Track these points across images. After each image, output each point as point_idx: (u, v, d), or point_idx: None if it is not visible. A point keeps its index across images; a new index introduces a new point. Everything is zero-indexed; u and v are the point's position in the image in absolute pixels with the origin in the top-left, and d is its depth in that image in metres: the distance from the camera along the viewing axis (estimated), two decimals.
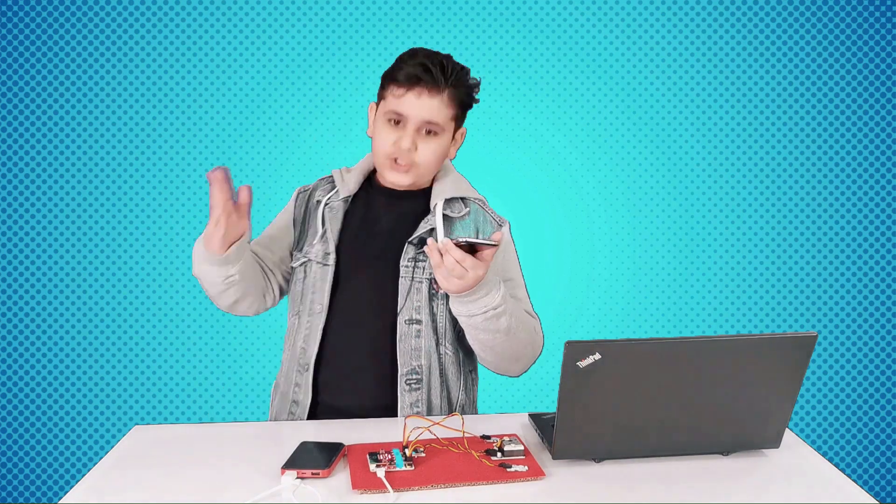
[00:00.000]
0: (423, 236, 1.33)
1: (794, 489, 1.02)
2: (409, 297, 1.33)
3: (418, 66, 1.28)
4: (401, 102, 1.30)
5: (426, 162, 1.33)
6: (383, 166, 1.35)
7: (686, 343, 1.02)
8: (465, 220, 1.37)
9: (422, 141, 1.31)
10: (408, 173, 1.33)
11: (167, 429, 1.27)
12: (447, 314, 1.35)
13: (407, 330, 1.32)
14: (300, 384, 1.37)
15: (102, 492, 1.03)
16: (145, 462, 1.13)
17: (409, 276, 1.33)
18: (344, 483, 1.03)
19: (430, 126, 1.31)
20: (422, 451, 1.09)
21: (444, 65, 1.29)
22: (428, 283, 1.33)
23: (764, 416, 1.08)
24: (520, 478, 1.03)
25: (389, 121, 1.32)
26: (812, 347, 1.03)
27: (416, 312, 1.33)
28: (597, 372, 0.99)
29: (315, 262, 1.37)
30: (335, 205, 1.39)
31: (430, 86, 1.28)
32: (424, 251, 1.27)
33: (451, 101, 1.31)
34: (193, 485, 1.04)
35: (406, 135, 1.30)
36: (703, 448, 1.10)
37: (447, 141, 1.35)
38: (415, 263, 1.33)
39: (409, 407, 1.32)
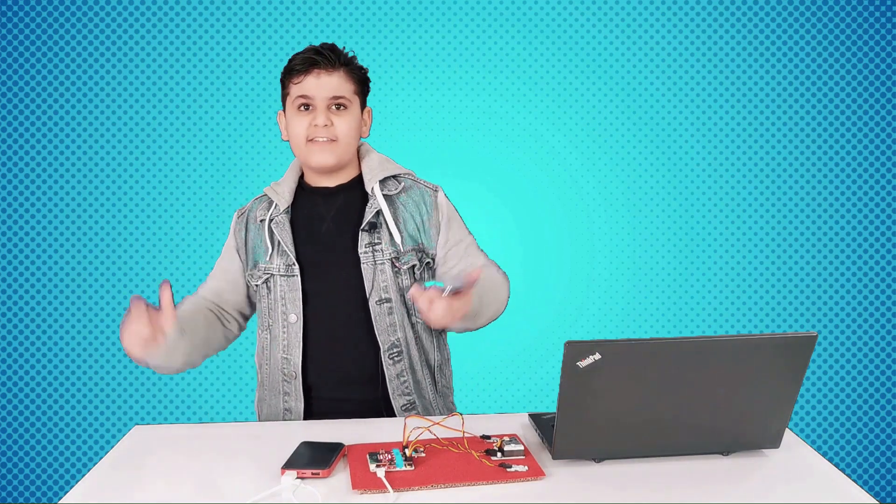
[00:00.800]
0: (372, 221, 1.39)
1: (794, 489, 1.02)
2: (375, 279, 1.39)
3: (310, 51, 1.38)
4: (303, 86, 1.37)
5: (343, 134, 1.39)
6: (305, 152, 1.40)
7: (686, 343, 1.02)
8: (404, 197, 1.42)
9: (334, 116, 1.38)
10: (330, 150, 1.38)
11: (167, 429, 1.27)
12: (411, 286, 1.39)
13: (379, 310, 1.39)
14: (289, 392, 1.42)
15: (102, 492, 1.03)
16: (145, 462, 1.13)
17: (370, 260, 1.39)
18: (344, 483, 1.03)
19: (338, 100, 1.38)
20: (422, 451, 1.09)
21: (333, 48, 1.39)
22: (390, 263, 1.39)
23: (764, 416, 1.08)
24: (520, 478, 1.03)
25: (299, 108, 1.39)
26: (812, 347, 1.03)
27: (385, 291, 1.39)
28: (597, 372, 0.99)
29: (279, 276, 1.41)
30: (279, 218, 1.43)
31: (326, 65, 1.37)
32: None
33: (349, 77, 1.39)
34: (193, 485, 1.04)
35: (318, 113, 1.37)
36: (703, 448, 1.10)
37: (357, 115, 1.42)
38: (372, 248, 1.39)
39: (397, 377, 1.40)
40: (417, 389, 1.43)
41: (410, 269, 1.41)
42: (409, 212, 1.42)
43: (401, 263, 1.39)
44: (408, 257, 1.40)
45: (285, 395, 1.42)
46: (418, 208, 1.42)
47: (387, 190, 1.42)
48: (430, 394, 1.45)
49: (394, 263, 1.39)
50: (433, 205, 1.43)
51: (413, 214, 1.42)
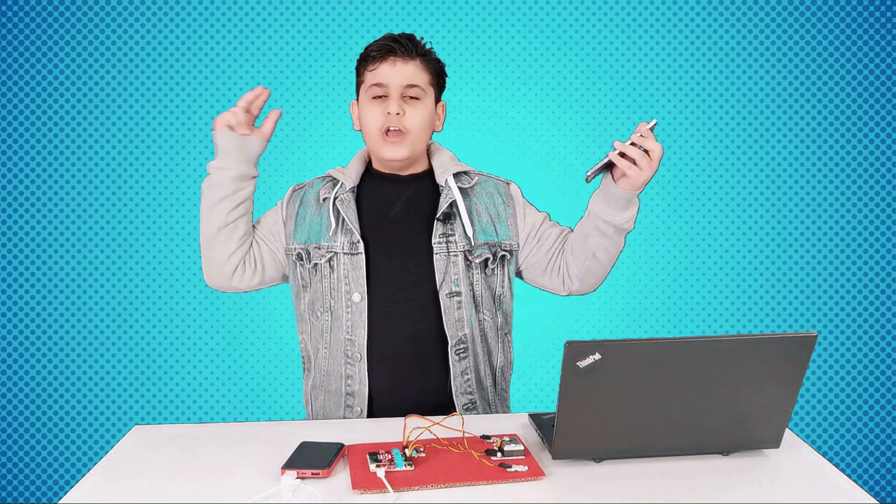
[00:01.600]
0: (447, 211, 1.37)
1: (794, 489, 1.02)
2: (447, 271, 1.36)
3: (387, 39, 1.36)
4: (378, 73, 1.35)
5: (416, 127, 1.36)
6: (378, 143, 1.37)
7: (686, 343, 1.02)
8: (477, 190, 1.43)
9: (408, 106, 1.36)
10: (402, 143, 1.36)
11: (167, 429, 1.27)
12: (482, 282, 1.40)
13: (449, 303, 1.37)
14: (353, 375, 1.38)
15: (102, 492, 1.03)
16: (145, 462, 1.13)
17: (443, 251, 1.37)
18: (344, 483, 1.03)
19: (412, 90, 1.36)
20: (422, 451, 1.09)
21: (411, 38, 1.38)
22: (462, 256, 1.37)
23: (764, 416, 1.08)
24: (520, 478, 1.03)
25: (373, 98, 1.37)
26: (812, 347, 1.03)
27: (455, 285, 1.37)
28: (597, 372, 0.99)
29: (342, 254, 1.37)
30: (344, 196, 1.39)
31: (403, 54, 1.35)
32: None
33: (425, 67, 1.38)
34: (193, 485, 1.04)
35: (392, 101, 1.35)
36: (703, 448, 1.10)
37: (431, 107, 1.40)
38: (446, 239, 1.37)
39: (461, 375, 1.37)
40: (479, 389, 1.41)
41: (482, 262, 1.39)
42: (483, 204, 1.41)
43: (473, 257, 1.37)
44: (480, 251, 1.38)
45: (348, 378, 1.38)
46: (493, 200, 1.42)
47: (460, 183, 1.41)
48: (490, 395, 1.43)
49: (466, 256, 1.37)
50: (507, 196, 1.43)
51: (487, 207, 1.41)
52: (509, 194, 1.44)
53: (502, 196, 1.43)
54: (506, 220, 1.42)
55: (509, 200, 1.43)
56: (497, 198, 1.43)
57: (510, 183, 1.46)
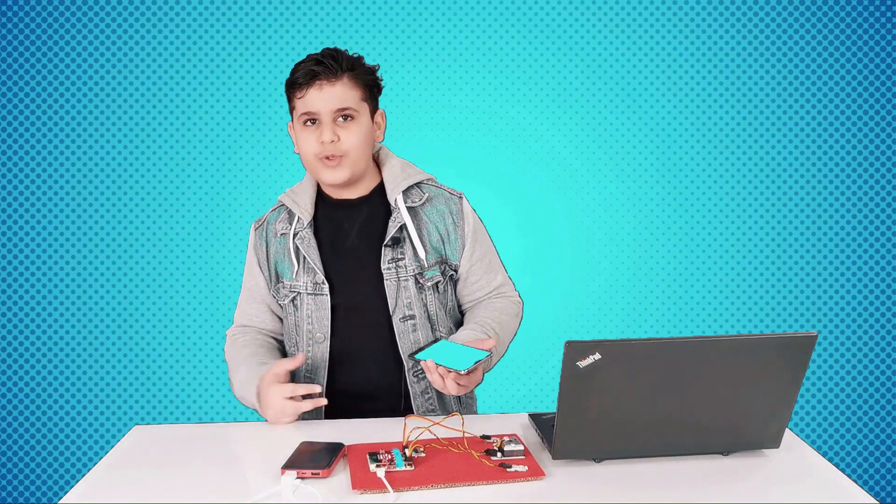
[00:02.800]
0: (396, 236, 1.36)
1: (794, 489, 1.02)
2: (399, 296, 1.36)
3: (310, 62, 1.32)
4: (307, 101, 1.32)
5: (353, 147, 1.33)
6: (317, 169, 1.35)
7: (686, 343, 1.02)
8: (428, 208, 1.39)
9: (341, 129, 1.33)
10: (341, 166, 1.34)
11: (167, 429, 1.27)
12: (436, 301, 1.39)
13: (403, 327, 1.37)
14: (312, 412, 1.36)
15: (102, 492, 1.03)
16: (145, 462, 1.13)
17: (393, 276, 1.36)
18: (344, 483, 1.03)
19: (343, 112, 1.32)
20: (422, 451, 1.09)
21: (335, 55, 1.32)
22: (413, 279, 1.36)
23: (764, 416, 1.08)
24: (520, 478, 1.03)
25: (305, 123, 1.34)
26: (812, 347, 1.03)
27: (409, 308, 1.36)
28: (597, 372, 0.99)
29: (306, 294, 1.38)
30: (303, 233, 1.38)
31: (328, 75, 1.31)
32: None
33: (354, 83, 1.33)
34: (193, 485, 1.04)
35: (325, 128, 1.32)
36: (703, 448, 1.10)
37: (367, 123, 1.36)
38: (395, 264, 1.36)
39: (421, 395, 1.38)
40: (441, 405, 1.41)
41: (434, 284, 1.38)
42: (433, 223, 1.38)
43: (424, 279, 1.37)
44: (432, 272, 1.37)
45: (304, 413, 1.36)
46: (443, 219, 1.39)
47: (410, 201, 1.38)
48: (453, 408, 1.43)
49: (417, 279, 1.36)
50: (459, 214, 1.40)
51: (437, 225, 1.38)
52: (461, 212, 1.40)
53: (453, 214, 1.39)
54: (455, 240, 1.39)
55: (459, 219, 1.40)
56: (448, 217, 1.39)
57: (462, 197, 1.42)
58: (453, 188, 1.44)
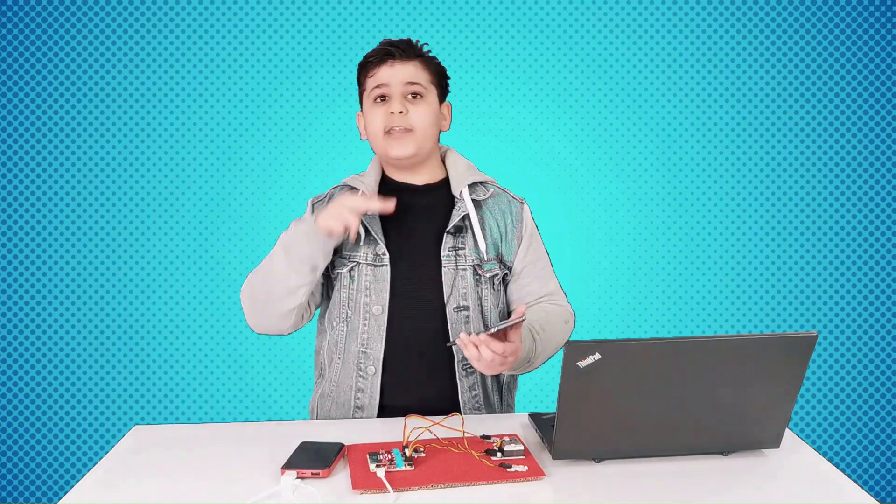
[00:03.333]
0: (458, 224, 1.37)
1: (794, 489, 1.02)
2: (455, 285, 1.36)
3: (385, 44, 1.37)
4: (378, 76, 1.35)
5: (420, 124, 1.35)
6: (383, 144, 1.36)
7: (686, 343, 1.02)
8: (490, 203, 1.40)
9: (410, 104, 1.36)
10: (407, 139, 1.35)
11: (167, 429, 1.27)
12: (491, 297, 1.39)
13: (456, 317, 1.36)
14: (363, 389, 1.36)
15: (102, 492, 1.03)
16: (145, 462, 1.13)
17: (451, 264, 1.36)
18: (344, 483, 1.03)
19: (413, 88, 1.36)
20: (422, 451, 1.09)
21: (409, 41, 1.38)
22: (472, 270, 1.36)
23: (764, 416, 1.08)
24: (520, 478, 1.03)
25: (375, 100, 1.36)
26: (812, 347, 1.03)
27: (463, 299, 1.36)
28: (597, 372, 0.99)
29: (365, 265, 1.36)
30: None
31: (401, 55, 1.36)
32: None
33: (425, 67, 1.38)
34: (193, 485, 1.04)
35: (394, 100, 1.35)
36: (703, 448, 1.10)
37: (435, 104, 1.39)
38: (455, 252, 1.36)
39: (469, 391, 1.37)
40: (487, 405, 1.39)
41: (492, 278, 1.38)
42: (494, 219, 1.39)
43: (483, 271, 1.36)
44: (490, 265, 1.37)
45: (358, 391, 1.36)
46: (504, 217, 1.40)
47: (475, 195, 1.39)
48: (497, 410, 1.42)
49: (476, 270, 1.36)
50: (518, 216, 1.41)
51: (498, 222, 1.39)
52: (521, 215, 1.42)
53: (513, 216, 1.41)
54: (511, 240, 1.40)
55: (518, 221, 1.41)
56: (508, 217, 1.41)
57: (524, 203, 1.44)
58: (516, 194, 1.46)
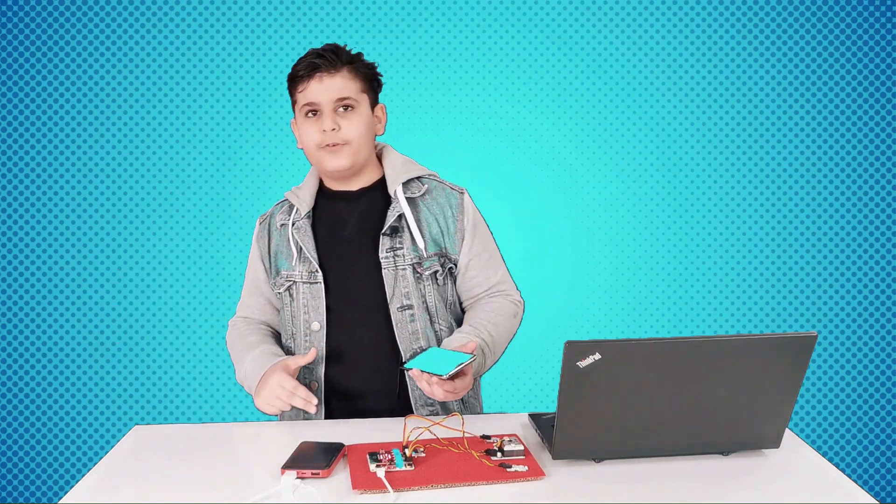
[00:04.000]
0: (394, 225, 1.37)
1: (794, 489, 1.02)
2: (397, 285, 1.36)
3: (311, 56, 1.36)
4: (308, 93, 1.35)
5: (354, 136, 1.36)
6: (319, 158, 1.38)
7: (686, 343, 1.02)
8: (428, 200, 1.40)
9: (341, 119, 1.36)
10: (342, 154, 1.36)
11: (167, 429, 1.27)
12: (435, 293, 1.39)
13: (401, 317, 1.36)
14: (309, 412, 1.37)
15: (102, 492, 1.03)
16: (145, 462, 1.13)
17: (391, 265, 1.36)
18: (344, 483, 1.03)
19: (343, 102, 1.35)
20: (422, 451, 1.09)
21: (335, 49, 1.37)
22: (412, 268, 1.37)
23: (764, 416, 1.08)
24: (520, 478, 1.03)
25: (307, 115, 1.37)
26: (812, 347, 1.03)
27: (406, 298, 1.36)
28: (597, 372, 0.99)
29: (301, 283, 1.39)
30: (300, 223, 1.40)
31: (328, 67, 1.34)
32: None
33: (354, 75, 1.37)
34: (193, 485, 1.04)
35: (325, 117, 1.35)
36: (703, 448, 1.10)
37: (367, 114, 1.39)
38: (394, 253, 1.37)
39: (419, 388, 1.35)
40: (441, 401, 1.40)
41: (433, 274, 1.38)
42: (432, 214, 1.39)
43: (423, 269, 1.37)
44: (430, 262, 1.37)
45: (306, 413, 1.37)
46: (443, 211, 1.40)
47: (410, 192, 1.39)
48: (454, 404, 1.41)
49: (416, 269, 1.37)
50: (459, 208, 1.40)
51: (437, 217, 1.39)
52: (461, 206, 1.41)
53: (453, 208, 1.40)
54: (454, 233, 1.40)
55: (459, 213, 1.40)
56: (447, 209, 1.40)
57: (463, 192, 1.43)
58: (456, 184, 1.45)
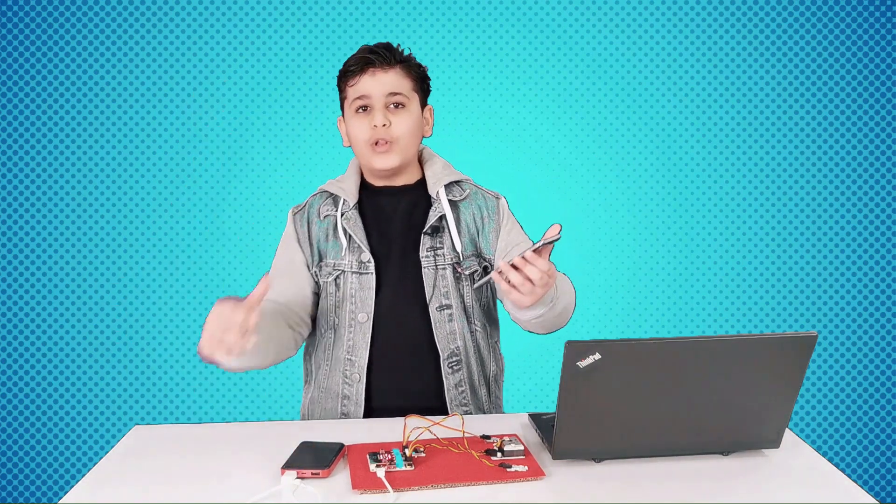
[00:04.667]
0: (435, 225, 1.37)
1: (794, 489, 1.02)
2: (436, 284, 1.37)
3: (364, 51, 1.35)
4: (359, 87, 1.34)
5: (403, 134, 1.35)
6: (367, 156, 1.36)
7: (686, 343, 1.02)
8: (466, 203, 1.41)
9: (393, 115, 1.35)
10: (391, 152, 1.35)
11: (167, 429, 1.27)
12: (472, 293, 1.40)
13: (440, 316, 1.37)
14: (350, 396, 1.37)
15: (102, 492, 1.03)
16: (145, 462, 1.13)
17: (431, 264, 1.37)
18: (344, 483, 1.03)
19: (396, 98, 1.35)
20: (422, 451, 1.09)
21: (388, 46, 1.35)
22: (451, 268, 1.37)
23: (764, 416, 1.08)
24: (520, 478, 1.03)
25: (357, 110, 1.35)
26: (812, 347, 1.03)
27: (445, 297, 1.37)
28: (597, 372, 0.99)
29: (351, 273, 1.37)
30: (350, 214, 1.39)
31: (382, 63, 1.33)
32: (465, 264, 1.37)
33: (406, 73, 1.36)
34: (193, 485, 1.04)
35: (376, 112, 1.34)
36: (703, 448, 1.10)
37: (417, 113, 1.38)
38: (434, 252, 1.37)
39: (455, 388, 1.38)
40: (474, 399, 1.40)
41: (471, 275, 1.39)
42: (471, 217, 1.40)
43: (462, 269, 1.37)
44: (469, 262, 1.38)
45: (344, 398, 1.37)
46: (480, 213, 1.41)
47: (451, 195, 1.40)
48: (485, 404, 1.43)
49: (455, 269, 1.37)
50: (494, 210, 1.42)
51: (475, 219, 1.40)
52: (497, 209, 1.42)
53: (489, 210, 1.42)
54: (488, 233, 1.41)
55: (495, 215, 1.42)
56: (484, 211, 1.41)
57: (500, 197, 1.45)
58: (492, 190, 1.46)
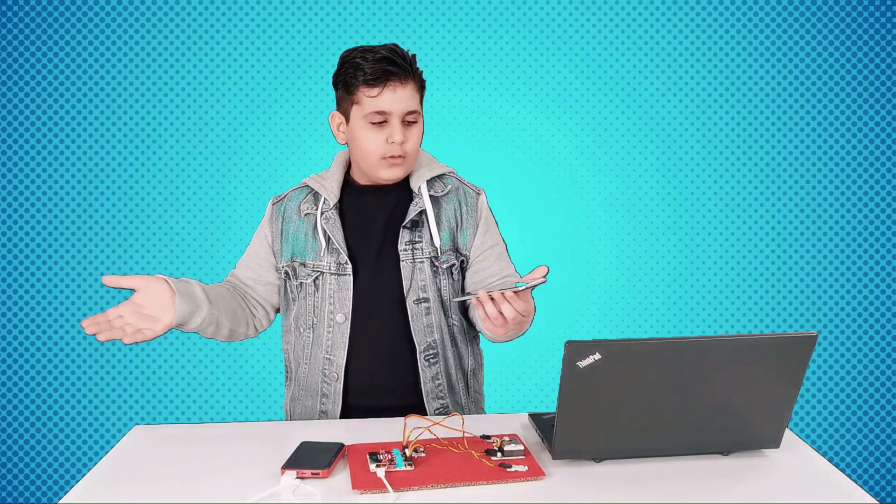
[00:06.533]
0: (415, 219, 1.39)
1: (794, 489, 1.02)
2: (413, 277, 1.38)
3: (383, 61, 1.30)
4: (380, 101, 1.31)
5: (414, 149, 1.37)
6: (377, 167, 1.36)
7: (686, 343, 1.02)
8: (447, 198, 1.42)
9: (407, 131, 1.35)
10: (402, 166, 1.37)
11: (167, 429, 1.27)
12: (450, 287, 1.41)
13: (417, 309, 1.38)
14: (328, 394, 1.40)
15: (102, 492, 1.03)
16: (145, 462, 1.13)
17: (409, 258, 1.38)
18: (344, 483, 1.03)
19: (411, 116, 1.35)
20: (422, 451, 1.09)
21: (402, 53, 1.33)
22: (429, 262, 1.38)
23: (764, 416, 1.08)
24: (520, 478, 1.03)
25: (373, 123, 1.33)
26: (812, 347, 1.03)
27: (423, 291, 1.38)
28: (597, 372, 0.99)
29: (329, 274, 1.38)
30: (329, 214, 1.39)
31: (402, 77, 1.31)
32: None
33: (417, 87, 1.36)
34: (193, 485, 1.04)
35: (395, 129, 1.33)
36: (703, 448, 1.10)
37: (422, 125, 1.40)
38: (412, 246, 1.38)
39: (431, 381, 1.39)
40: (451, 394, 1.41)
41: (449, 269, 1.40)
42: (451, 211, 1.41)
43: (440, 262, 1.38)
44: (447, 256, 1.39)
45: (323, 396, 1.40)
46: (459, 208, 1.42)
47: (433, 191, 1.41)
48: (463, 399, 1.44)
49: (433, 262, 1.38)
50: (474, 206, 1.43)
51: (456, 213, 1.42)
52: (476, 205, 1.44)
53: (469, 207, 1.43)
54: (467, 228, 1.42)
55: (474, 211, 1.43)
56: (464, 206, 1.43)
57: (480, 192, 1.46)
58: (474, 184, 1.47)
